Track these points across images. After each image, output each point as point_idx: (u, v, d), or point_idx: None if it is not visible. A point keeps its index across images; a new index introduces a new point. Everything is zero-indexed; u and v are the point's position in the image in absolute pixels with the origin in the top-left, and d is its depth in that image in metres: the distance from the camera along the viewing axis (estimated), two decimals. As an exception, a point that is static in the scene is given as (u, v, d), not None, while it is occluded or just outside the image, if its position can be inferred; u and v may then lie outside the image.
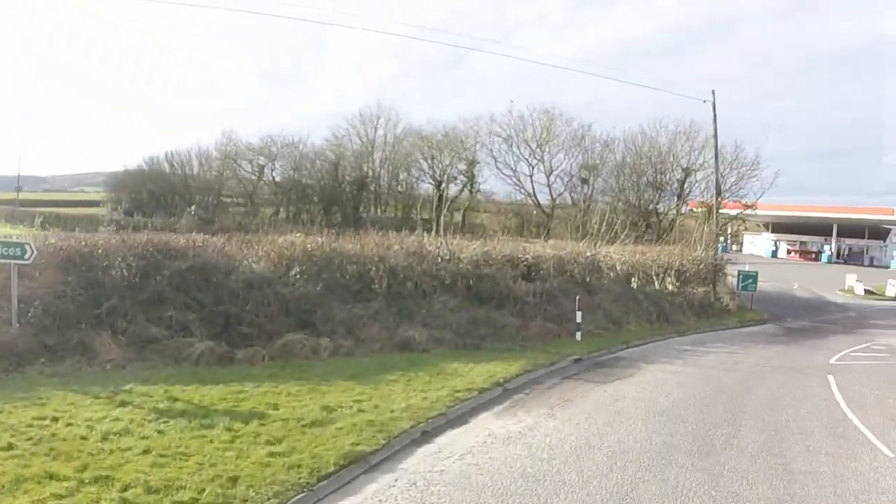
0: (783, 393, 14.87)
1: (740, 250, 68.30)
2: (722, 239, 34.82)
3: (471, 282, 21.14)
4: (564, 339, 19.66)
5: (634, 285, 25.92)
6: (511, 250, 22.98)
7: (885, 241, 67.41)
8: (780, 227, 69.44)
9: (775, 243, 72.23)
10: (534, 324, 20.14)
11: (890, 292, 39.87)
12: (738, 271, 30.81)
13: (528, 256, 23.01)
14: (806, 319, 29.27)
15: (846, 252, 67.51)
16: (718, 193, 31.88)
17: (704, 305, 27.25)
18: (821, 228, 66.26)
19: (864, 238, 67.32)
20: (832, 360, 19.53)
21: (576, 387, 14.69)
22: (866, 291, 39.64)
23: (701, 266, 28.75)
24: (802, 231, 69.15)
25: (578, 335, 19.75)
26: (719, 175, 31.39)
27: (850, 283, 40.85)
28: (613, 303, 23.29)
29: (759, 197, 42.13)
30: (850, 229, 65.77)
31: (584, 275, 23.86)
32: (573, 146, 46.95)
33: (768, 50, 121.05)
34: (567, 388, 14.62)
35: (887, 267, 60.85)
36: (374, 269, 19.74)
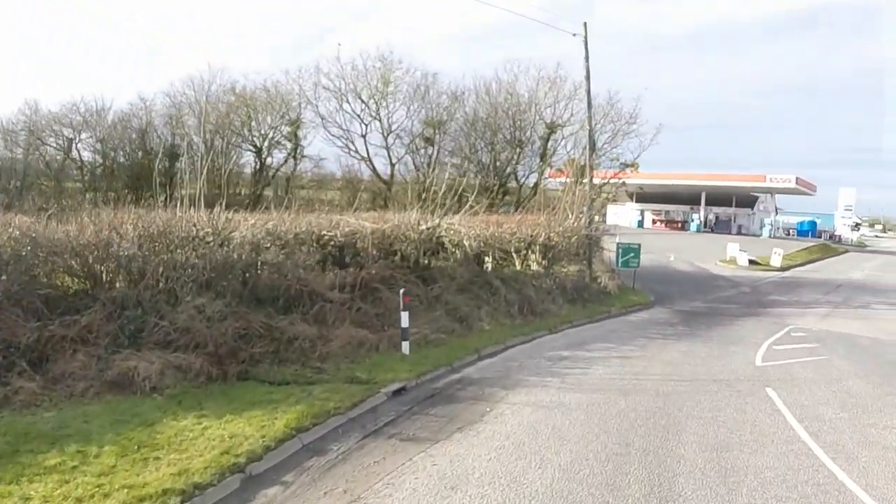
0: (723, 437, 9.70)
1: (604, 221, 66.17)
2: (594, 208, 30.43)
3: (246, 274, 14.81)
4: (386, 352, 13.89)
5: (489, 267, 20.36)
6: (310, 225, 16.65)
7: (752, 209, 67.73)
8: (645, 196, 68.06)
9: (641, 213, 71.11)
10: (339, 332, 14.21)
11: (775, 262, 37.54)
12: (617, 244, 26.25)
13: (336, 233, 16.82)
14: (698, 299, 25.31)
15: (713, 221, 67.17)
16: (592, 149, 27.12)
17: (579, 288, 22.36)
18: (688, 197, 65.34)
19: (731, 206, 67.23)
20: (759, 362, 15.01)
21: (382, 457, 8.67)
22: (751, 262, 37.03)
23: (573, 239, 23.74)
24: (669, 200, 68.23)
25: (406, 346, 13.93)
26: (592, 126, 26.58)
27: (733, 254, 38.20)
28: (460, 293, 17.67)
29: (639, 156, 38.18)
30: (718, 197, 65.31)
31: (418, 256, 17.97)
32: (415, 100, 40.70)
33: (623, 32, 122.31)
34: (366, 461, 8.58)
35: (758, 235, 60.61)
36: (96, 263, 13.28)
